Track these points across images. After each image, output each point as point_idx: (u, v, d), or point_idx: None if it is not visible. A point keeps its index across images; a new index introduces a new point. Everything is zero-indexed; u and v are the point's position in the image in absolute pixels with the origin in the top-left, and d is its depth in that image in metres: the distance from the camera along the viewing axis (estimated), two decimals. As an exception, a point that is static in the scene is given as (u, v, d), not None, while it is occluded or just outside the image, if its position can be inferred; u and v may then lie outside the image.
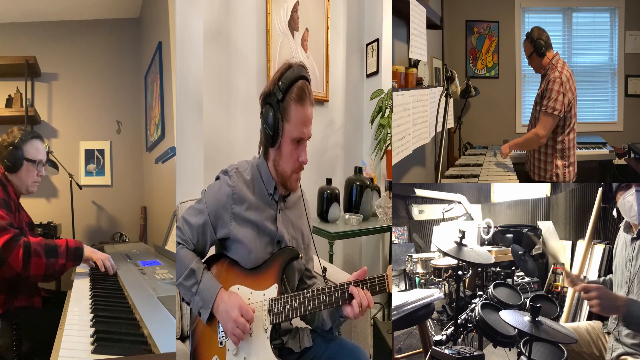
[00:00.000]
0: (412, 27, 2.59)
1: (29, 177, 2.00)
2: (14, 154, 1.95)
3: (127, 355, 1.40)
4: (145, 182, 3.11)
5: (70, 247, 1.92)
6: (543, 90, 2.60)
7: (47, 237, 2.68)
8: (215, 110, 2.79)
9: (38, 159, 2.02)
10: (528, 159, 2.85)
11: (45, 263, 1.82)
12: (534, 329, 1.46)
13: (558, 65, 2.60)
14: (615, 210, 1.92)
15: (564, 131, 2.61)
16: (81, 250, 1.96)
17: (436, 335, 1.87)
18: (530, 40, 2.68)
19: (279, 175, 1.50)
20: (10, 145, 1.95)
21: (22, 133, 2.00)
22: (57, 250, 1.87)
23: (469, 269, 2.20)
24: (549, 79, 2.58)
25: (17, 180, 1.97)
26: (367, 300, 1.38)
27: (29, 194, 2.04)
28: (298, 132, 1.44)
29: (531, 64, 2.76)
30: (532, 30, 2.70)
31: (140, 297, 1.81)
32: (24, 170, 1.98)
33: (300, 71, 1.44)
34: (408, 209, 2.91)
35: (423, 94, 2.81)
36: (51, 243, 1.87)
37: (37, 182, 2.04)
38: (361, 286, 1.39)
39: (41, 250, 1.80)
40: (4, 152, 1.95)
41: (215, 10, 2.79)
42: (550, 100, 2.52)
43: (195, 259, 1.49)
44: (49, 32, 2.94)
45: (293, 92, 1.41)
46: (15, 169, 1.96)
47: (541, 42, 2.64)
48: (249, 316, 1.41)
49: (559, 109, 2.52)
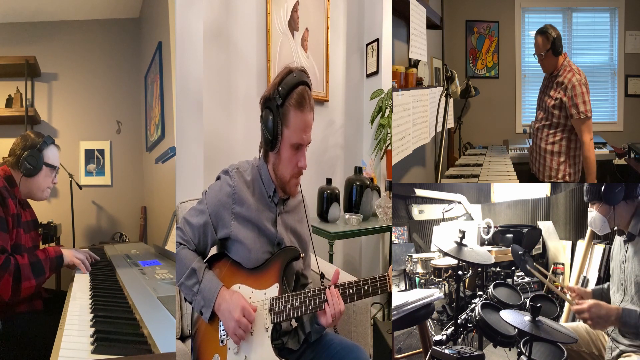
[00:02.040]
0: (412, 27, 2.59)
1: (45, 182, 1.97)
2: (36, 156, 1.92)
3: (127, 355, 1.40)
4: (145, 182, 3.11)
5: (52, 257, 1.88)
6: (568, 97, 2.49)
7: (47, 238, 2.68)
8: (215, 110, 2.79)
9: (56, 165, 2.02)
10: (535, 160, 2.79)
11: (36, 284, 1.78)
12: (534, 328, 1.46)
13: (573, 67, 2.55)
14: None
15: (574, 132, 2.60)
16: (61, 258, 1.92)
17: (436, 335, 1.87)
18: (547, 36, 2.54)
19: (278, 179, 1.51)
20: (32, 148, 1.93)
21: (44, 138, 1.98)
22: (43, 267, 1.82)
23: (469, 269, 2.20)
24: (571, 83, 2.49)
25: (33, 185, 1.94)
26: (340, 307, 1.39)
27: (41, 200, 2.01)
28: (297, 138, 1.44)
29: (543, 62, 2.62)
30: (547, 27, 2.57)
31: (140, 297, 1.80)
32: (42, 175, 1.95)
33: (301, 76, 1.43)
34: (408, 209, 2.92)
35: (423, 94, 2.81)
36: (37, 261, 1.81)
37: (50, 189, 2.02)
38: (362, 286, 1.40)
39: (29, 272, 1.75)
40: (23, 155, 1.91)
41: (215, 10, 2.79)
42: (586, 104, 2.48)
43: (196, 258, 1.49)
44: (49, 32, 2.94)
45: (293, 98, 1.41)
46: (35, 172, 1.93)
47: (559, 40, 2.54)
48: (251, 317, 1.42)
49: (590, 109, 2.50)
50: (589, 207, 1.65)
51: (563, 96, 2.52)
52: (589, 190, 1.61)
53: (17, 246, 1.84)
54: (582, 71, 2.57)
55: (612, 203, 1.56)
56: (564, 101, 2.53)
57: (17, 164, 1.91)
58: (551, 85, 2.62)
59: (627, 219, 1.54)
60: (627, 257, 1.52)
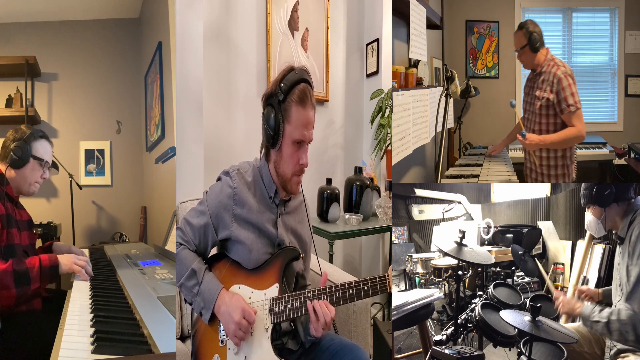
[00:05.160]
0: (412, 27, 2.59)
1: (33, 176, 1.93)
2: (23, 147, 1.89)
3: (127, 355, 1.40)
4: (145, 182, 3.11)
5: (45, 266, 1.77)
6: (555, 92, 2.38)
7: (46, 238, 2.67)
8: (215, 110, 2.79)
9: (44, 159, 1.98)
10: (528, 159, 2.73)
11: (16, 294, 1.68)
12: (534, 328, 1.46)
13: (556, 60, 2.45)
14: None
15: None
16: (56, 267, 1.80)
17: (436, 335, 1.87)
18: (525, 31, 2.44)
19: (280, 178, 1.50)
20: (19, 140, 1.90)
21: (32, 130, 1.95)
22: (29, 275, 1.72)
23: (469, 269, 2.20)
24: (557, 77, 2.38)
25: (20, 177, 1.91)
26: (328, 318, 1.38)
27: (29, 195, 1.97)
28: (299, 134, 1.44)
29: (521, 58, 2.53)
30: (526, 22, 2.47)
31: (140, 297, 1.80)
32: (29, 167, 1.92)
33: (303, 74, 1.44)
34: (408, 209, 2.91)
35: (423, 94, 2.81)
36: (22, 268, 1.71)
37: (38, 183, 1.98)
38: (362, 286, 1.39)
39: (10, 280, 1.66)
40: (10, 146, 1.88)
41: (215, 10, 2.79)
42: (575, 95, 2.35)
43: (196, 259, 1.49)
44: (49, 32, 2.94)
45: (294, 94, 1.42)
46: (22, 164, 1.90)
47: (536, 35, 2.43)
48: (251, 318, 1.42)
49: (579, 100, 2.37)
50: (586, 210, 1.65)
51: (549, 94, 2.40)
52: (584, 194, 1.61)
53: (10, 247, 1.79)
54: (567, 65, 2.45)
55: (603, 205, 1.56)
56: (551, 100, 2.40)
57: (5, 157, 1.89)
58: (536, 86, 2.50)
59: (619, 221, 1.55)
60: (621, 259, 1.53)
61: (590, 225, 1.63)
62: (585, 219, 1.68)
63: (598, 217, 1.59)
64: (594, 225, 1.61)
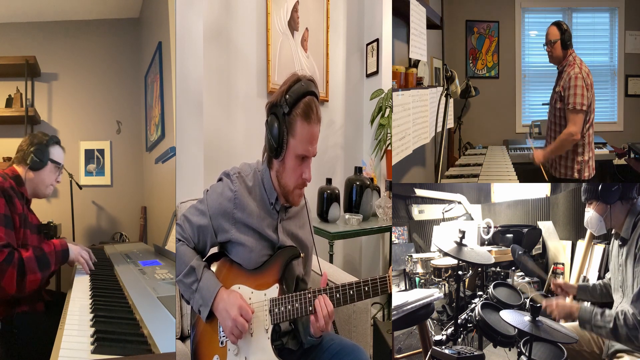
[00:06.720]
0: (412, 27, 2.59)
1: (49, 178, 2.04)
2: (43, 150, 2.01)
3: (127, 355, 1.40)
4: (145, 182, 3.11)
5: (58, 250, 1.91)
6: (564, 89, 2.54)
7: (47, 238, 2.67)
8: (215, 110, 2.79)
9: (60, 163, 2.09)
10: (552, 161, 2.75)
11: (41, 277, 1.80)
12: (534, 328, 1.46)
13: (577, 61, 2.58)
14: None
15: (584, 127, 2.60)
16: (67, 252, 1.96)
17: (436, 335, 1.87)
18: (560, 28, 2.60)
19: (282, 188, 1.48)
20: (39, 144, 2.02)
21: (49, 136, 2.08)
22: (49, 260, 1.85)
23: (469, 269, 2.20)
24: (569, 75, 2.53)
25: (38, 179, 2.00)
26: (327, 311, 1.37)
27: (44, 196, 2.06)
28: (302, 149, 1.43)
29: (552, 52, 2.65)
30: (561, 21, 2.64)
31: (140, 297, 1.81)
32: (47, 170, 2.02)
33: (309, 86, 1.42)
34: (408, 209, 2.91)
35: (423, 94, 2.81)
36: (42, 254, 1.83)
37: (53, 186, 2.08)
38: (363, 287, 1.39)
39: (35, 265, 1.77)
40: (31, 149, 1.99)
41: (215, 10, 2.79)
42: (577, 96, 2.49)
43: (195, 256, 1.49)
44: (49, 32, 2.94)
45: (300, 108, 1.40)
46: (41, 166, 2.00)
47: (569, 33, 2.59)
48: (248, 316, 1.41)
49: (585, 104, 2.49)
50: (586, 207, 1.64)
51: (562, 89, 2.55)
52: (587, 189, 1.61)
53: (24, 246, 1.84)
54: (587, 67, 2.57)
55: (608, 202, 1.55)
56: (562, 95, 2.55)
57: (24, 159, 1.99)
58: (558, 82, 2.65)
59: (622, 220, 1.54)
60: (622, 260, 1.52)
61: (591, 222, 1.62)
62: (585, 216, 1.66)
63: (601, 213, 1.58)
64: (595, 222, 1.60)
